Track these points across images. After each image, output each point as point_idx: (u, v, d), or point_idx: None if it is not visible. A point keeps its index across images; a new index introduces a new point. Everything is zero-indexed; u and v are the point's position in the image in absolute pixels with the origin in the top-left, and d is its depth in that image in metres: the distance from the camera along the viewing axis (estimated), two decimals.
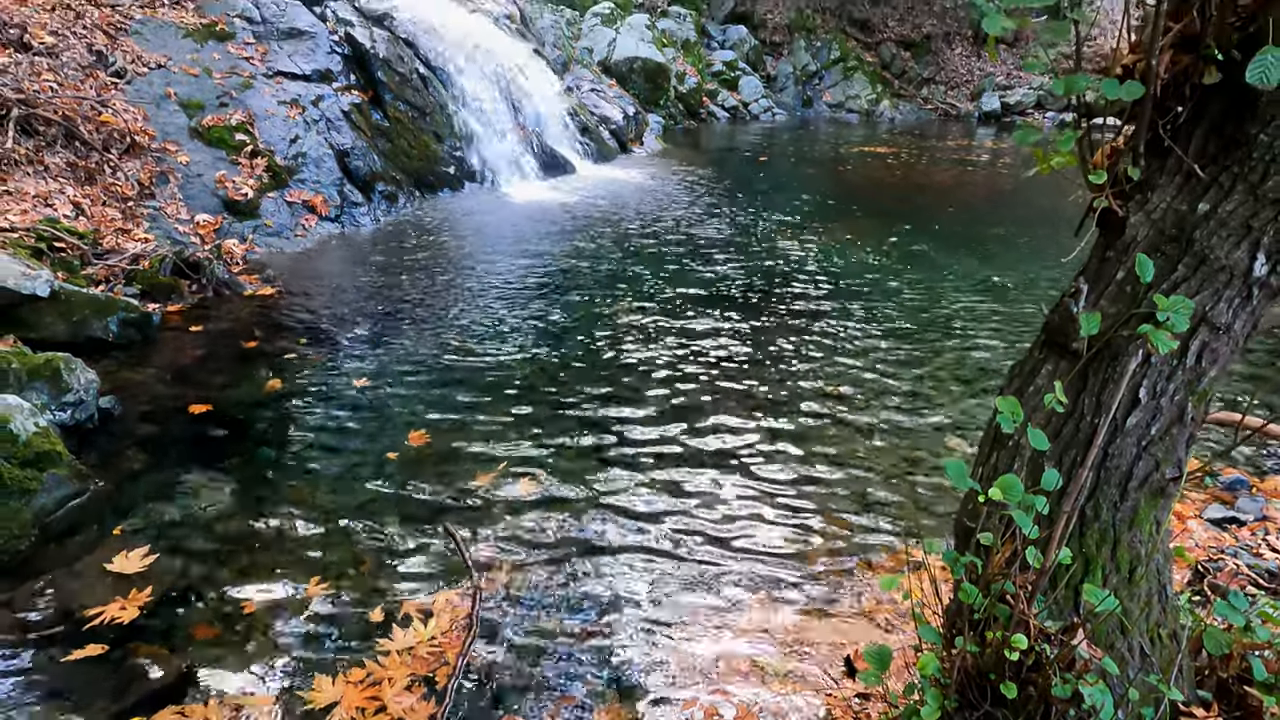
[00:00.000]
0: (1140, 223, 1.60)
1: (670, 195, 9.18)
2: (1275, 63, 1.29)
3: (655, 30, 14.81)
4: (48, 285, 4.34)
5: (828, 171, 11.35)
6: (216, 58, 7.32)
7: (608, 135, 11.63)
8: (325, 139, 7.43)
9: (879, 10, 18.94)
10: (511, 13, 11.57)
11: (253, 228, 6.43)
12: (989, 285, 6.40)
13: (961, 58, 19.10)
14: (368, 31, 8.52)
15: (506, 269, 6.38)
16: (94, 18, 6.75)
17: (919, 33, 18.83)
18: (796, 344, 5.10)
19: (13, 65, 5.69)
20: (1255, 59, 1.31)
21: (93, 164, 5.73)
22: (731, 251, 7.04)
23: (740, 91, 16.38)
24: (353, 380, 4.40)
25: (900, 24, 18.97)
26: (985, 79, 18.45)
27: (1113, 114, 1.63)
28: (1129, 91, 1.41)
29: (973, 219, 8.88)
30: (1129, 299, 1.60)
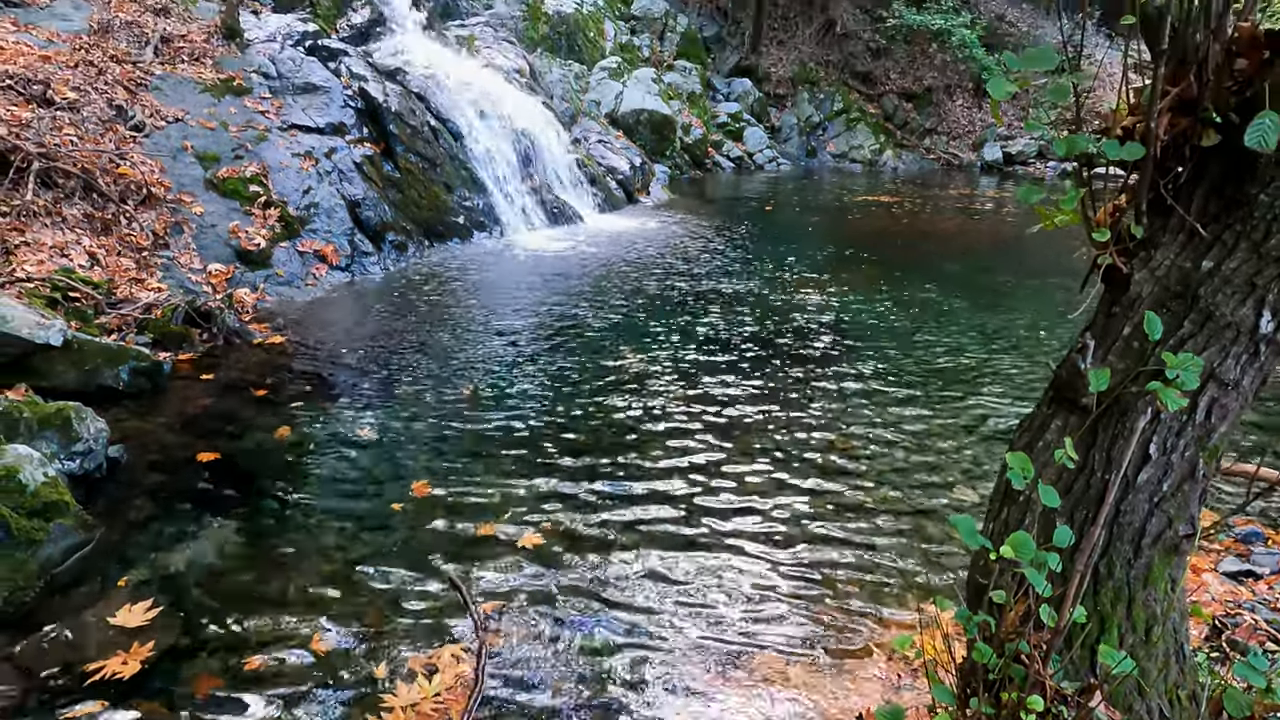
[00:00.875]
0: (1145, 279, 1.61)
1: (676, 245, 9.27)
2: (1273, 127, 1.32)
3: (661, 83, 15.12)
4: (61, 335, 4.39)
5: (833, 220, 11.47)
6: (233, 112, 7.50)
7: (615, 185, 11.80)
8: (337, 190, 7.56)
9: (881, 64, 19.32)
10: (521, 67, 11.85)
11: (264, 277, 6.51)
12: (995, 334, 6.41)
13: (963, 109, 19.41)
14: (380, 86, 8.73)
15: (514, 318, 6.43)
16: (115, 74, 6.94)
17: (920, 85, 19.17)
18: (803, 393, 5.11)
19: (36, 120, 5.84)
20: (1253, 123, 1.34)
21: (109, 215, 5.83)
22: (737, 300, 7.09)
23: (745, 142, 16.64)
24: (359, 429, 4.41)
25: (902, 77, 19.33)
26: (987, 129, 18.72)
27: (1114, 164, 1.66)
28: (1130, 153, 1.44)
29: (978, 267, 8.93)
30: (1136, 355, 1.60)
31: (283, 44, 8.81)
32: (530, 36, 13.87)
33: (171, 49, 7.75)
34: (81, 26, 7.27)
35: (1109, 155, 1.43)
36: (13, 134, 5.57)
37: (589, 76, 14.53)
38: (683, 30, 17.65)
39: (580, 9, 15.22)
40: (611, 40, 15.67)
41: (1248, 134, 1.34)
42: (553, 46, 14.28)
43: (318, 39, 9.30)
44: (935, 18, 17.72)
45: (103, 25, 7.37)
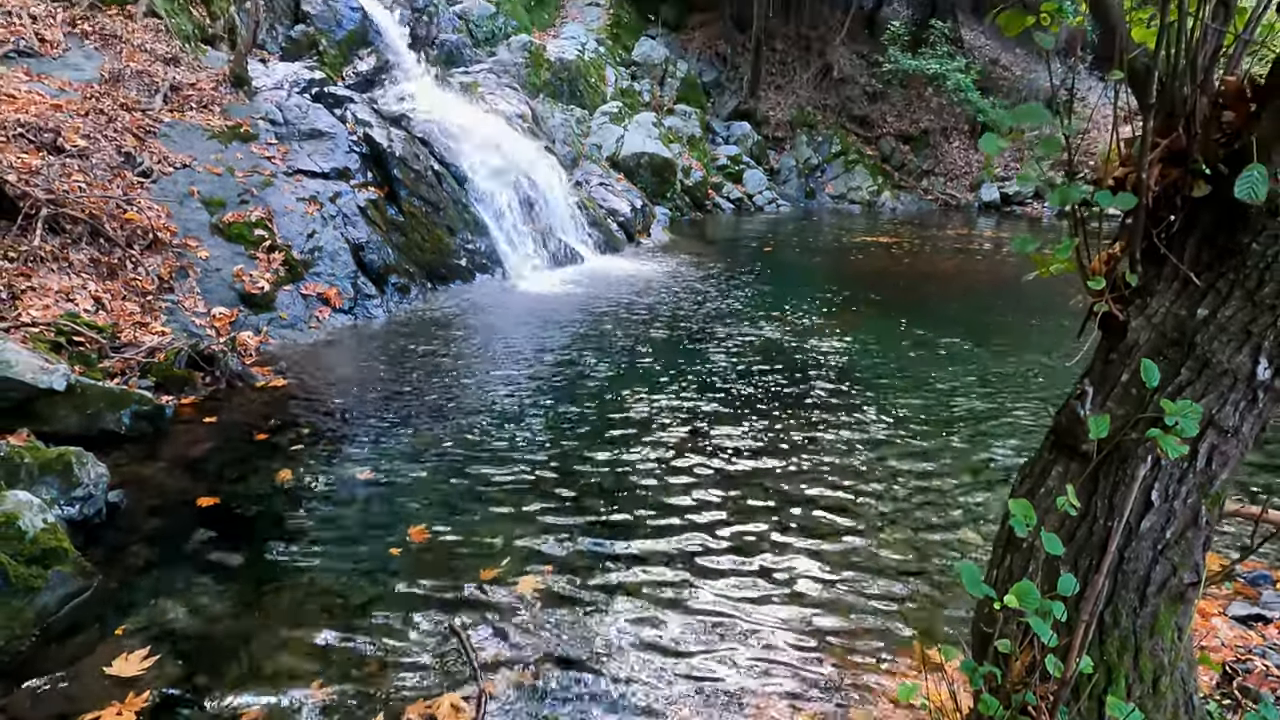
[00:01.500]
0: (1141, 327, 1.63)
1: (677, 286, 9.33)
2: (1261, 179, 1.34)
3: (662, 127, 15.35)
4: (64, 379, 4.41)
5: (832, 261, 11.55)
6: (239, 157, 7.61)
7: (616, 227, 11.91)
8: (341, 233, 7.64)
9: (878, 107, 19.63)
10: (524, 112, 12.05)
11: (267, 320, 6.55)
12: (997, 374, 6.42)
13: (959, 150, 19.66)
14: (385, 131, 8.86)
15: (515, 361, 6.45)
16: (124, 121, 7.06)
17: (917, 127, 19.45)
18: (806, 435, 5.10)
19: (45, 167, 5.93)
20: (1243, 175, 1.36)
21: (115, 260, 5.89)
22: (738, 343, 7.11)
23: (745, 184, 16.84)
24: (360, 473, 4.40)
25: (898, 120, 19.63)
26: (983, 170, 18.95)
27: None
28: (1122, 203, 1.46)
29: (977, 307, 8.97)
30: (1135, 401, 1.61)
31: (290, 91, 8.97)
32: (533, 82, 14.13)
33: (181, 97, 7.90)
34: (93, 75, 7.41)
35: (1102, 205, 1.45)
36: (22, 181, 5.66)
37: (590, 121, 14.76)
38: (682, 76, 17.97)
39: (582, 56, 15.52)
40: (612, 86, 15.95)
41: (1237, 185, 1.36)
42: (555, 92, 14.53)
43: (324, 86, 9.47)
44: (930, 63, 18.05)
45: (114, 74, 7.52)
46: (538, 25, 16.34)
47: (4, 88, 6.57)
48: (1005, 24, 1.67)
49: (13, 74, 6.84)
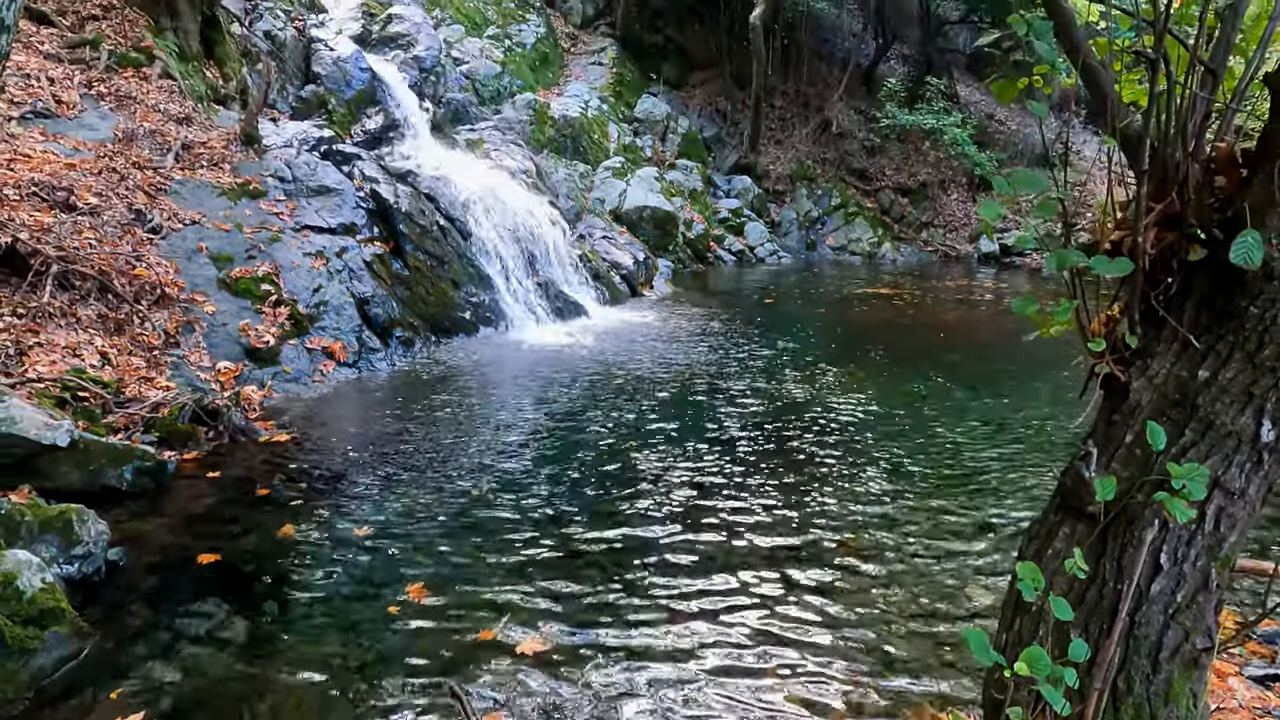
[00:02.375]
0: (1143, 388, 1.63)
1: (680, 338, 9.37)
2: (1256, 244, 1.36)
3: (664, 181, 15.59)
4: (68, 435, 4.41)
5: (834, 312, 11.61)
6: (248, 214, 7.73)
7: (619, 279, 12.02)
8: (347, 288, 7.71)
9: (876, 161, 19.93)
10: (528, 168, 12.26)
11: (272, 374, 6.57)
12: (1001, 426, 6.40)
13: (958, 202, 19.89)
14: (392, 187, 9.01)
15: (518, 414, 6.45)
16: (136, 179, 7.19)
17: (915, 180, 19.72)
18: (812, 489, 5.06)
19: (57, 225, 6.02)
20: (1237, 241, 1.38)
21: (122, 315, 5.94)
22: (741, 395, 7.11)
23: (746, 236, 17.02)
24: (361, 529, 4.37)
25: (897, 172, 19.91)
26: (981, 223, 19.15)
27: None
28: (1119, 268, 1.48)
29: (980, 358, 8.98)
30: (1140, 463, 1.61)
31: (299, 149, 9.15)
32: (537, 139, 14.40)
33: (192, 155, 8.05)
34: (107, 135, 7.58)
35: (1099, 270, 1.47)
36: (34, 239, 5.74)
37: (594, 175, 15.00)
38: (684, 131, 18.31)
39: (585, 113, 15.84)
40: (615, 141, 16.25)
41: (1233, 251, 1.38)
42: (559, 148, 14.80)
43: (333, 144, 9.67)
44: (927, 118, 18.38)
45: (127, 134, 7.68)
46: (542, 84, 16.71)
47: (20, 148, 6.72)
48: (999, 92, 1.71)
49: (29, 134, 6.99)
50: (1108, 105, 1.66)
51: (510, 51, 16.22)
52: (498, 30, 16.50)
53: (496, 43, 16.09)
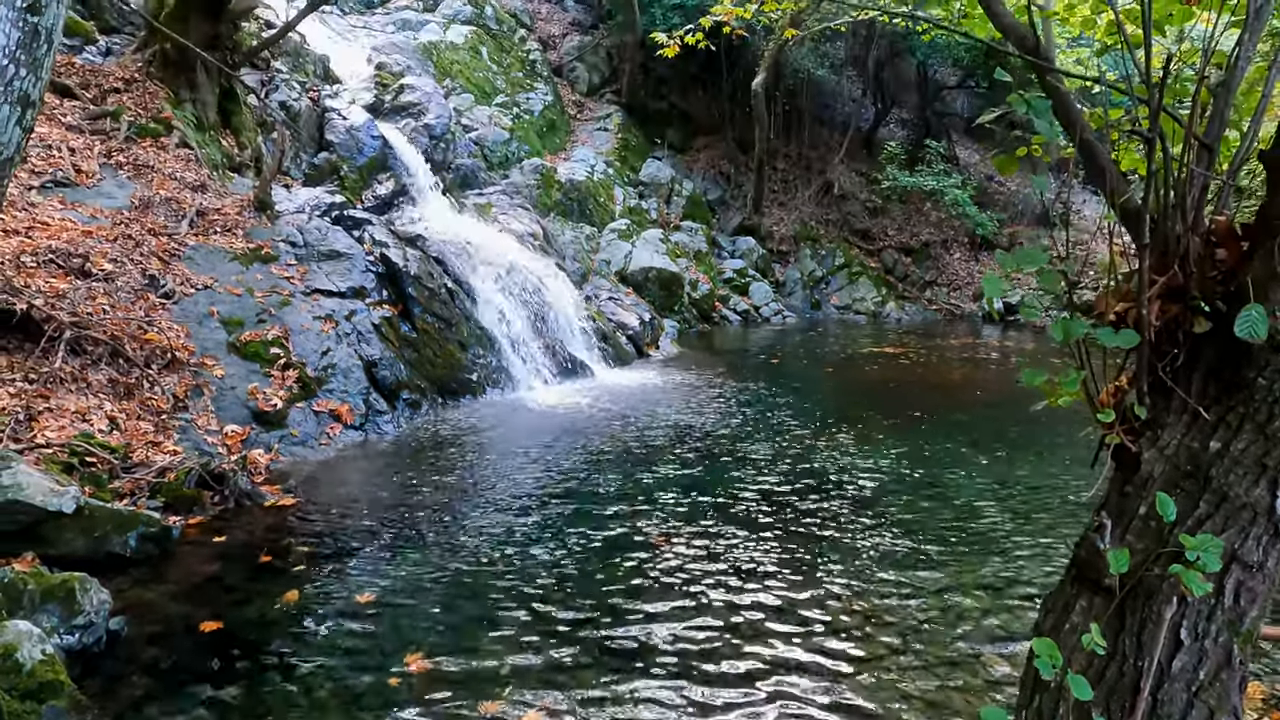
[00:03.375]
0: (1154, 459, 1.62)
1: (686, 399, 9.37)
2: (1261, 318, 1.37)
3: (669, 242, 15.80)
4: (74, 501, 4.40)
5: (840, 372, 11.62)
6: (259, 278, 7.84)
7: (625, 340, 12.08)
8: (355, 350, 7.76)
9: (878, 221, 20.21)
10: (535, 231, 12.45)
11: (279, 437, 6.58)
12: (1010, 486, 6.34)
13: (960, 261, 20.08)
14: (401, 251, 9.15)
15: (523, 478, 6.42)
16: (151, 245, 7.32)
17: (917, 240, 19.95)
18: (821, 550, 5.00)
19: (72, 291, 6.12)
20: (1242, 314, 1.39)
21: (133, 380, 5.98)
22: (749, 455, 7.08)
23: (751, 296, 17.16)
24: (366, 596, 4.31)
25: (899, 233, 20.16)
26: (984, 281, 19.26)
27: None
28: (1125, 340, 1.49)
29: (988, 417, 8.95)
30: (1155, 535, 1.59)
31: (310, 214, 9.32)
32: (544, 203, 14.66)
33: (206, 221, 8.21)
34: (124, 203, 7.74)
35: (1104, 343, 1.48)
36: (49, 305, 5.83)
37: (599, 237, 15.22)
38: (688, 194, 18.63)
39: (591, 177, 16.16)
40: (621, 204, 16.53)
41: (1237, 325, 1.39)
42: (565, 211, 15.06)
43: (344, 209, 9.85)
44: (927, 179, 18.68)
45: (144, 201, 7.85)
46: (549, 149, 17.09)
47: (39, 216, 6.86)
48: (1000, 166, 1.75)
49: (48, 203, 7.16)
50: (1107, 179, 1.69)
51: (518, 119, 16.63)
52: (506, 98, 16.95)
53: (505, 110, 16.52)
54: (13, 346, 5.66)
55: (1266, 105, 1.70)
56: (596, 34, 21.10)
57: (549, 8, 21.98)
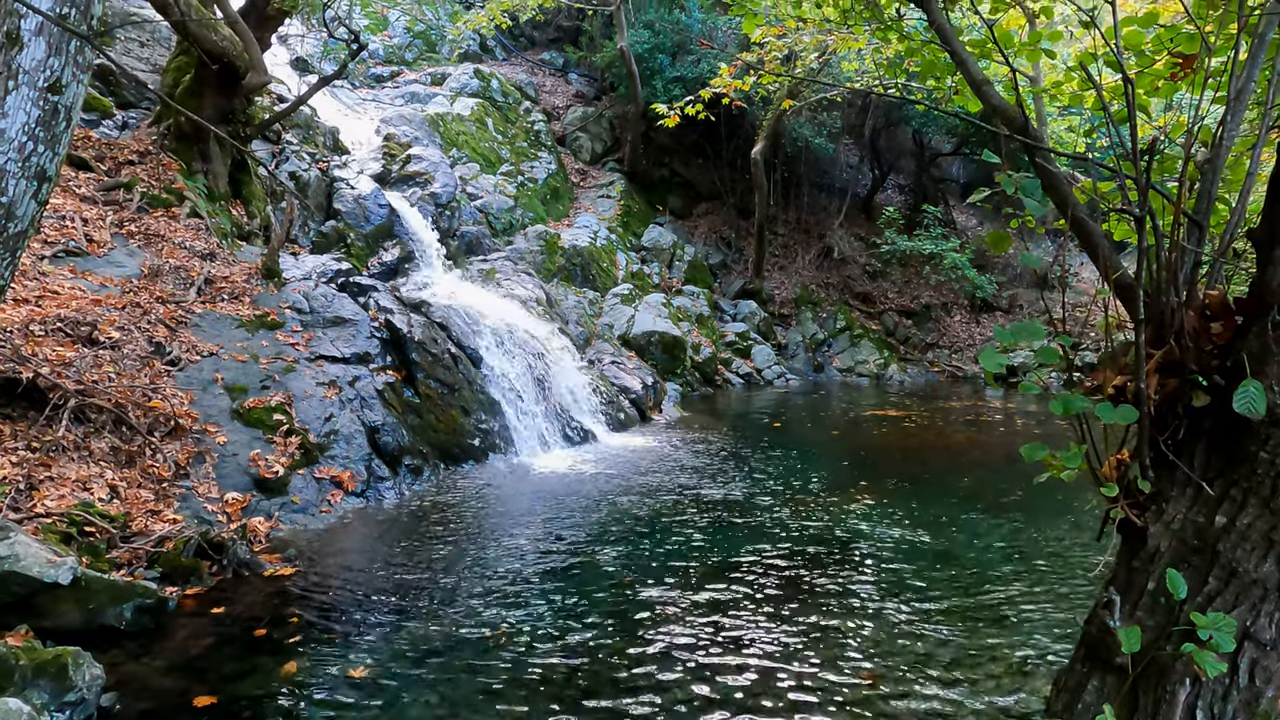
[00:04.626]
0: (1161, 533, 1.61)
1: (690, 463, 9.32)
2: (1259, 393, 1.38)
3: (671, 306, 15.93)
4: (70, 573, 4.35)
5: (844, 434, 11.58)
6: (265, 345, 7.90)
7: (628, 404, 12.08)
8: (358, 416, 7.77)
9: (878, 284, 20.41)
10: (539, 296, 12.58)
11: (280, 505, 6.53)
12: (1018, 551, 6.25)
13: (961, 324, 20.20)
14: (405, 317, 9.23)
15: (525, 545, 6.34)
16: (158, 313, 7.41)
17: (918, 303, 20.11)
18: (830, 621, 4.90)
19: (78, 359, 6.16)
20: (1239, 390, 1.40)
21: (135, 447, 5.98)
22: (755, 522, 7.00)
23: (753, 359, 17.21)
24: (363, 669, 4.22)
25: (899, 295, 20.33)
26: (987, 343, 19.35)
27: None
28: (1124, 416, 1.50)
29: (993, 481, 8.87)
30: (1165, 612, 1.57)
31: (317, 281, 9.44)
32: (548, 268, 14.86)
33: (214, 289, 8.32)
34: (134, 271, 7.86)
35: (1103, 418, 1.49)
36: (55, 373, 5.86)
37: (602, 302, 15.37)
38: (690, 259, 18.88)
39: (594, 243, 16.41)
40: (623, 269, 16.74)
41: (1236, 400, 1.40)
42: (568, 276, 15.24)
43: (350, 276, 9.98)
44: (925, 243, 18.93)
45: (153, 270, 7.97)
46: (553, 216, 17.40)
47: (50, 285, 6.96)
48: (993, 243, 1.78)
49: (59, 272, 7.27)
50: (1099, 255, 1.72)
51: (523, 186, 16.98)
52: (511, 167, 17.33)
53: (510, 179, 16.88)
54: (17, 415, 5.68)
55: (1253, 183, 1.74)
56: (599, 105, 21.68)
57: (553, 81, 22.65)
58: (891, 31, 3.96)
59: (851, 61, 14.47)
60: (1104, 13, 5.85)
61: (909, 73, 5.41)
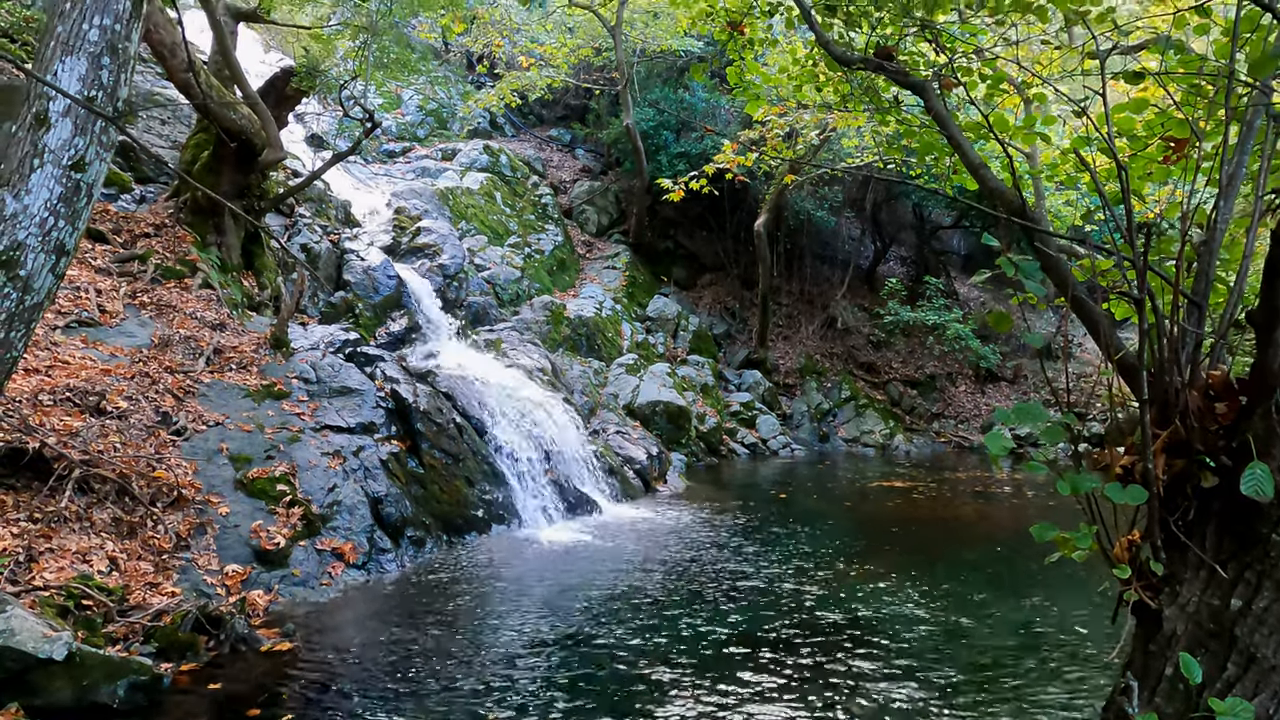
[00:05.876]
0: (1176, 616, 1.59)
1: (695, 536, 9.20)
2: (1266, 476, 1.38)
3: (676, 376, 15.97)
4: (65, 648, 4.27)
5: (851, 507, 11.45)
6: (270, 414, 7.92)
7: (632, 475, 12.00)
8: (362, 487, 7.73)
9: (882, 354, 20.47)
10: (544, 366, 12.65)
11: (280, 577, 6.45)
12: (1030, 629, 6.11)
13: (966, 394, 20.16)
14: (412, 387, 9.27)
15: (528, 623, 6.23)
16: (167, 383, 7.45)
17: (922, 373, 20.13)
18: (839, 701, 4.77)
19: (85, 429, 6.18)
20: (1246, 473, 1.41)
21: (136, 518, 5.94)
22: (758, 596, 6.88)
23: (758, 429, 17.14)
24: None
25: (904, 365, 20.36)
26: (993, 413, 19.27)
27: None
28: (1133, 496, 1.49)
29: (1004, 554, 8.73)
30: (1183, 698, 1.53)
31: (324, 351, 9.51)
32: (553, 338, 14.97)
33: (223, 359, 8.39)
34: (145, 341, 7.95)
35: (1113, 499, 1.48)
36: (61, 443, 5.88)
37: (607, 371, 15.42)
38: (694, 329, 19.00)
39: (600, 313, 16.56)
40: (628, 339, 16.84)
41: (1243, 483, 1.40)
42: (574, 346, 15.34)
43: (357, 345, 10.06)
44: (928, 314, 19.05)
45: (163, 340, 8.06)
46: (559, 286, 17.61)
47: (60, 354, 7.04)
48: (995, 322, 1.81)
49: (71, 342, 7.35)
50: (1100, 334, 1.74)
51: (529, 258, 17.24)
52: (519, 239, 17.64)
53: (517, 250, 17.15)
54: (21, 485, 5.67)
55: (1249, 264, 1.77)
56: (605, 179, 22.18)
57: (560, 156, 23.23)
58: (890, 115, 4.08)
59: (851, 138, 14.86)
60: (1096, 98, 6.01)
61: (907, 149, 5.55)
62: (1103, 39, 2.99)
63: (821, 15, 3.63)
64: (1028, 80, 5.08)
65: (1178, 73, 2.25)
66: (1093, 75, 2.19)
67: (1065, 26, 4.57)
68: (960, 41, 3.38)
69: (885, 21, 3.39)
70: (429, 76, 17.03)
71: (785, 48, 6.56)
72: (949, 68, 2.87)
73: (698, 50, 18.66)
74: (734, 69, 5.87)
